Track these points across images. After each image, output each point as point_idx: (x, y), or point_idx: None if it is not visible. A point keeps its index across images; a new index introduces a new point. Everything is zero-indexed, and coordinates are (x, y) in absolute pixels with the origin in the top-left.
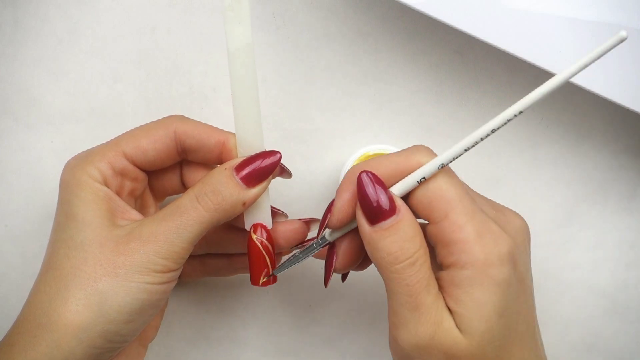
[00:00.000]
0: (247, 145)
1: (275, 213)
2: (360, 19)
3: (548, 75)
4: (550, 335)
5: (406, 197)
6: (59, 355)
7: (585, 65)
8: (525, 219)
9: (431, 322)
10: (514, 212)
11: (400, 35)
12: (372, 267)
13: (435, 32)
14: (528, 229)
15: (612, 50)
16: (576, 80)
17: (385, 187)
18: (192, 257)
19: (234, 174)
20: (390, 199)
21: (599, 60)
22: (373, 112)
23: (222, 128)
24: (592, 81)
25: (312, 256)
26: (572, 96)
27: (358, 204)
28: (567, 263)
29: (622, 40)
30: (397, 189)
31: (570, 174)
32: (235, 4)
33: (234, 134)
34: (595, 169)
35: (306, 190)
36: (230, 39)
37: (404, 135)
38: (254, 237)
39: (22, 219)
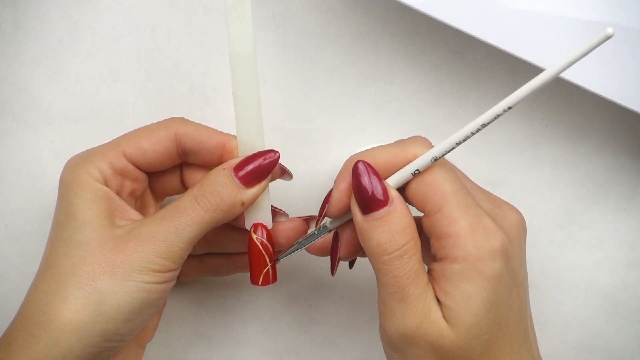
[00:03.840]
0: (249, 146)
1: (275, 212)
2: (360, 19)
3: None
4: (550, 335)
5: (403, 189)
6: (57, 353)
7: (574, 62)
8: (525, 219)
9: (418, 313)
10: (511, 206)
11: (400, 36)
12: None
13: (435, 32)
14: (524, 223)
15: (612, 51)
16: (576, 80)
17: (380, 178)
18: (191, 256)
19: (233, 174)
20: (384, 190)
21: (599, 60)
22: (373, 113)
23: (222, 128)
24: (592, 81)
25: (309, 252)
26: (572, 96)
27: (352, 193)
28: (567, 263)
29: (608, 38)
30: (393, 180)
31: (570, 174)
32: (238, 4)
33: (234, 136)
34: (595, 169)
35: (306, 190)
36: (232, 39)
37: (404, 135)
38: (254, 236)
39: (22, 219)
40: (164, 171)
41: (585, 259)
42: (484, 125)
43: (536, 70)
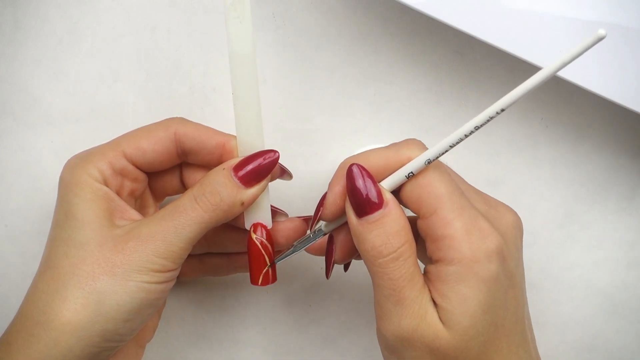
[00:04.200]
0: (248, 145)
1: (275, 212)
2: (360, 19)
3: None
4: (550, 335)
5: (397, 192)
6: (57, 353)
7: (566, 63)
8: (525, 219)
9: (414, 315)
10: (507, 207)
11: (400, 36)
12: None
13: (435, 32)
14: (520, 224)
15: (612, 51)
16: (576, 80)
17: (374, 181)
18: (191, 256)
19: (232, 174)
20: (378, 193)
21: (599, 60)
22: (373, 113)
23: (222, 128)
24: (592, 81)
25: (308, 251)
26: (572, 96)
27: (347, 196)
28: (567, 263)
29: (600, 39)
30: (387, 183)
31: (570, 173)
32: (238, 3)
33: (234, 136)
34: (595, 169)
35: (306, 190)
36: (232, 39)
37: (404, 135)
38: (254, 236)
39: (22, 219)
40: (164, 171)
41: (585, 259)
42: (477, 128)
43: (536, 70)
